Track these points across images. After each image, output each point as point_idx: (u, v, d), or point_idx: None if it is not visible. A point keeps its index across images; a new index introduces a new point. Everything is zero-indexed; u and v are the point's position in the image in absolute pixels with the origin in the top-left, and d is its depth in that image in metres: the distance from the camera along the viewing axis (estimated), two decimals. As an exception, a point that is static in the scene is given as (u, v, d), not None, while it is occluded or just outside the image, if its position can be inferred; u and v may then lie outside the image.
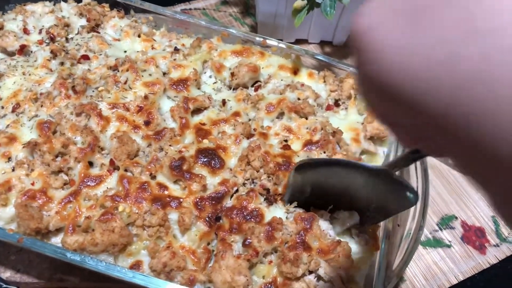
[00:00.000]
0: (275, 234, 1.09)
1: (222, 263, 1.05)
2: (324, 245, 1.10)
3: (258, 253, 1.06)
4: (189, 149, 1.22)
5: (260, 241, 1.07)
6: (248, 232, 1.09)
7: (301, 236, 1.10)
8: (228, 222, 1.12)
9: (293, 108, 1.30)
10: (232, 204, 1.16)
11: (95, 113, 1.23)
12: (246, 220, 1.11)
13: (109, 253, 1.08)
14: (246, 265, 1.05)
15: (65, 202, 1.12)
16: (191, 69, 1.37)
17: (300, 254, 1.07)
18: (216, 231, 1.12)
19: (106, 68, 1.35)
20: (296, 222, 1.12)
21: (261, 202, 1.17)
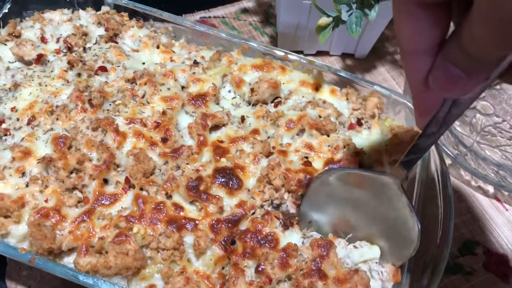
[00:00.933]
0: (289, 261, 1.05)
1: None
2: (340, 274, 1.05)
3: (271, 281, 1.03)
4: (207, 168, 1.18)
5: (273, 268, 1.03)
6: (262, 258, 1.05)
7: (317, 264, 1.05)
8: (242, 245, 1.08)
9: (314, 124, 1.25)
10: (247, 227, 1.12)
11: (112, 129, 1.20)
12: (260, 245, 1.08)
13: (122, 276, 1.05)
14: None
15: (78, 221, 1.10)
16: (210, 84, 1.34)
17: (316, 282, 1.03)
18: (229, 255, 1.08)
19: (124, 81, 1.32)
20: (312, 248, 1.08)
21: (276, 226, 1.13)
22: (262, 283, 1.02)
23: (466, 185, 1.56)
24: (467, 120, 1.69)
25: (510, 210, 1.52)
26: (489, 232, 1.47)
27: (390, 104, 1.42)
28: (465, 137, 1.63)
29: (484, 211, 1.51)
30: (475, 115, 1.71)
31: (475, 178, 1.56)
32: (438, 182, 1.28)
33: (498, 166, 1.53)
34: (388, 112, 1.43)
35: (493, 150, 1.61)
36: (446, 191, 1.25)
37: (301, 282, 1.02)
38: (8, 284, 1.23)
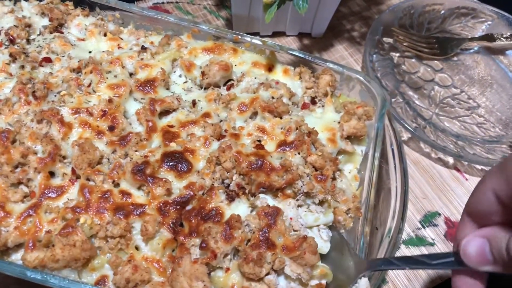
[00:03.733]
0: (233, 233, 1.02)
1: (179, 270, 0.99)
2: (289, 242, 1.03)
3: (216, 255, 1.00)
4: (155, 153, 1.16)
5: (217, 242, 1.00)
6: (205, 233, 1.02)
7: (265, 233, 1.03)
8: (188, 225, 1.05)
9: (267, 107, 1.24)
10: (192, 206, 1.09)
11: (56, 120, 1.16)
12: (205, 221, 1.05)
13: (71, 269, 1.02)
14: (203, 270, 0.99)
15: (24, 216, 1.06)
16: (158, 69, 1.31)
17: (264, 253, 1.01)
18: (175, 237, 1.06)
19: (68, 71, 1.28)
20: (259, 217, 1.06)
21: (222, 200, 1.10)
22: (207, 259, 1.00)
23: (426, 157, 1.57)
24: (425, 93, 1.69)
25: (470, 179, 1.53)
26: (449, 202, 1.48)
27: (344, 80, 1.40)
28: (424, 110, 1.63)
29: (445, 182, 1.52)
30: (433, 87, 1.71)
31: (434, 150, 1.56)
32: (393, 155, 1.28)
33: (457, 137, 1.54)
34: (343, 88, 1.42)
35: (451, 121, 1.62)
36: (402, 164, 1.25)
37: (249, 254, 1.00)
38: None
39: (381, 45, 1.75)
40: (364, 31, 1.85)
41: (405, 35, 1.77)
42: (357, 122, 1.27)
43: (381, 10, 1.91)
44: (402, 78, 1.70)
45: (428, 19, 1.85)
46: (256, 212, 1.07)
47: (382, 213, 1.23)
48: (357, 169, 1.29)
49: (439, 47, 1.77)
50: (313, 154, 1.18)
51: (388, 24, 1.78)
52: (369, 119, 1.31)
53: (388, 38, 1.78)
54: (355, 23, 1.87)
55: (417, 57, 1.77)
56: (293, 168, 1.14)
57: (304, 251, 1.01)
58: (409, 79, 1.71)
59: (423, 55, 1.77)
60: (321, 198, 1.14)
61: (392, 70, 1.70)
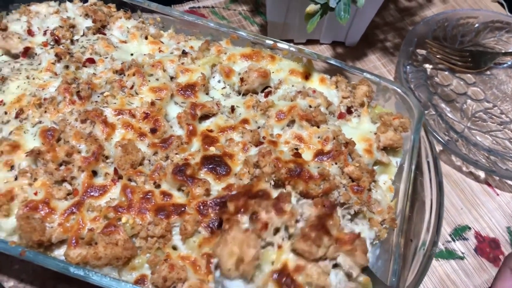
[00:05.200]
0: (284, 207, 1.02)
1: (228, 237, 0.98)
2: (342, 235, 1.02)
3: (267, 226, 0.99)
4: (195, 156, 1.18)
5: (268, 212, 1.00)
6: (255, 206, 1.01)
7: (322, 220, 1.02)
8: (234, 205, 1.04)
9: (305, 116, 1.25)
10: (237, 191, 1.10)
11: (100, 120, 1.19)
12: (252, 199, 1.04)
13: (113, 267, 1.05)
14: (255, 238, 0.98)
15: (68, 213, 1.09)
16: (199, 74, 1.33)
17: (322, 236, 0.99)
18: (220, 216, 1.06)
19: (112, 72, 1.31)
20: (316, 206, 1.05)
21: (267, 186, 1.11)
22: (258, 230, 0.99)
23: (458, 170, 1.57)
24: (458, 106, 1.69)
25: (501, 195, 1.53)
26: (480, 217, 1.48)
27: (380, 91, 1.41)
28: (456, 123, 1.63)
29: (476, 196, 1.52)
30: (466, 101, 1.71)
31: (466, 163, 1.56)
32: (428, 168, 1.28)
33: (489, 152, 1.54)
34: (379, 99, 1.43)
35: (483, 135, 1.62)
36: (437, 177, 1.25)
37: (307, 232, 0.99)
38: (0, 278, 1.23)
39: (415, 57, 1.76)
40: (397, 41, 1.86)
41: (438, 47, 1.78)
42: (393, 134, 1.28)
43: (414, 21, 1.92)
44: (435, 90, 1.71)
45: (462, 32, 1.85)
46: (313, 202, 1.06)
47: (416, 224, 1.24)
48: (391, 180, 1.30)
49: (472, 61, 1.77)
50: (350, 165, 1.19)
51: (422, 36, 1.79)
52: (405, 131, 1.32)
53: (421, 50, 1.78)
54: (388, 33, 1.88)
55: (450, 69, 1.78)
56: (330, 177, 1.15)
57: (356, 248, 1.01)
58: (441, 92, 1.71)
59: (456, 68, 1.77)
60: (357, 209, 1.15)
61: (425, 82, 1.70)
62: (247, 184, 1.11)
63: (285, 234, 1.03)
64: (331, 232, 1.01)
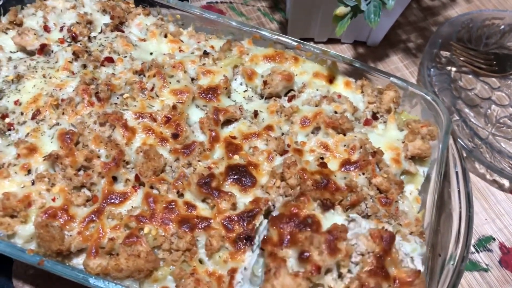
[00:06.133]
0: (338, 245, 0.90)
1: (276, 283, 0.87)
2: (402, 274, 0.93)
3: (319, 269, 0.88)
4: (219, 165, 1.14)
5: (321, 254, 0.88)
6: (306, 243, 0.89)
7: (380, 260, 0.91)
8: (277, 233, 0.93)
9: (331, 123, 1.21)
10: (279, 212, 0.98)
11: (120, 124, 1.15)
12: (300, 230, 0.93)
13: (134, 279, 1.02)
14: (306, 285, 0.88)
15: (87, 221, 1.06)
16: (221, 76, 1.29)
17: (381, 282, 0.89)
18: (262, 246, 0.95)
19: (131, 73, 1.27)
20: (374, 240, 0.94)
21: (314, 208, 1.01)
22: (309, 273, 0.88)
23: (481, 178, 1.53)
24: (482, 111, 1.64)
25: (526, 204, 1.49)
26: (504, 227, 1.44)
27: (406, 96, 1.37)
28: (480, 129, 1.58)
29: (500, 206, 1.48)
30: (490, 106, 1.66)
31: (490, 171, 1.52)
32: (457, 178, 1.24)
33: (514, 160, 1.49)
34: (404, 105, 1.38)
35: (508, 142, 1.57)
36: (466, 188, 1.21)
37: (365, 281, 0.89)
38: (15, 283, 1.20)
39: (439, 59, 1.70)
40: (420, 42, 1.81)
41: (462, 49, 1.73)
42: (422, 143, 1.23)
43: (438, 21, 1.86)
44: (458, 94, 1.66)
45: (487, 33, 1.79)
46: (370, 234, 0.96)
47: (443, 236, 1.20)
48: (418, 190, 1.26)
49: (497, 64, 1.72)
50: (378, 176, 1.16)
51: (446, 37, 1.73)
52: (433, 139, 1.28)
53: (445, 52, 1.73)
54: (411, 33, 1.82)
55: (474, 73, 1.72)
56: (358, 189, 1.11)
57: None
58: (465, 96, 1.67)
59: (481, 72, 1.72)
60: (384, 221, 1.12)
61: (449, 86, 1.65)
62: (290, 202, 1.01)
63: (336, 273, 0.93)
64: (390, 271, 0.92)
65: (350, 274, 0.92)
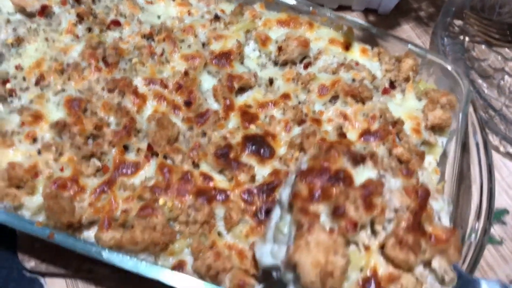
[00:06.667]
0: (374, 200, 0.84)
1: (310, 239, 0.79)
2: (438, 231, 0.86)
3: (356, 226, 0.81)
4: (235, 135, 1.09)
5: (357, 209, 0.82)
6: (340, 197, 0.82)
7: (417, 216, 0.85)
8: (307, 187, 0.85)
9: (350, 91, 1.16)
10: (308, 165, 0.89)
11: (131, 91, 1.09)
12: (332, 184, 0.85)
13: (149, 253, 0.97)
14: (343, 243, 0.81)
15: (99, 192, 1.01)
16: (234, 41, 1.22)
17: (419, 238, 0.83)
18: (291, 201, 0.86)
19: (140, 37, 1.20)
20: (409, 196, 0.88)
21: (344, 162, 0.91)
22: (344, 230, 0.81)
23: (495, 151, 1.49)
24: (494, 82, 1.60)
25: (539, 177, 1.47)
26: (518, 200, 1.42)
27: (424, 65, 1.32)
28: (494, 101, 1.55)
29: (513, 178, 1.46)
30: (503, 76, 1.62)
31: (503, 143, 1.49)
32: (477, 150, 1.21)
33: (528, 132, 1.47)
34: (422, 73, 1.34)
35: (521, 114, 1.54)
36: (487, 160, 1.18)
37: (403, 236, 0.83)
38: (21, 258, 1.15)
39: (452, 28, 1.65)
40: (431, 11, 1.75)
41: (476, 18, 1.67)
42: (442, 112, 1.19)
43: (449, -11, 1.80)
44: (471, 64, 1.61)
45: (500, 2, 1.74)
46: (404, 189, 0.89)
47: (462, 209, 1.17)
48: (436, 161, 1.23)
49: (510, 34, 1.68)
50: (399, 146, 1.12)
51: (460, 6, 1.68)
52: (452, 109, 1.24)
53: (458, 20, 1.68)
54: (422, 2, 1.76)
55: (487, 43, 1.68)
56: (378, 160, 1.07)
57: (451, 246, 0.87)
58: (478, 67, 1.62)
59: (494, 42, 1.67)
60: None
61: (463, 56, 1.61)
62: (318, 156, 0.90)
63: (370, 230, 0.86)
64: (426, 229, 0.87)
65: (384, 231, 0.86)
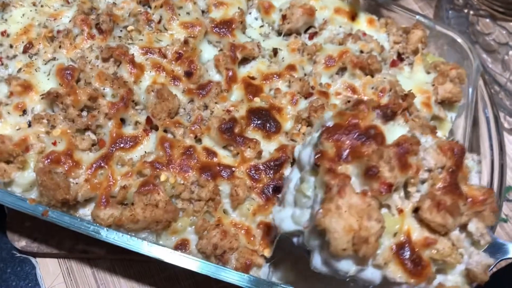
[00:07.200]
0: (409, 160, 0.75)
1: (341, 203, 0.70)
2: (475, 192, 0.79)
3: (391, 187, 0.73)
4: (239, 108, 1.03)
5: (392, 170, 0.73)
6: (374, 157, 0.73)
7: (453, 176, 0.77)
8: (334, 146, 0.76)
9: (359, 63, 1.10)
10: (334, 122, 0.80)
11: (127, 60, 1.02)
12: (363, 142, 0.76)
13: (151, 231, 0.92)
14: (377, 206, 0.72)
15: (95, 167, 0.94)
16: (235, 9, 1.15)
17: (456, 200, 0.75)
18: (317, 161, 0.76)
19: (135, 3, 1.12)
20: (444, 153, 0.79)
21: (373, 118, 0.82)
22: (378, 192, 0.72)
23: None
24: (499, 57, 1.56)
25: (543, 154, 1.44)
26: (524, 177, 1.39)
27: (432, 37, 1.27)
28: (498, 76, 1.51)
29: (517, 155, 1.43)
30: (507, 51, 1.58)
31: (508, 119, 1.46)
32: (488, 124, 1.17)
33: (533, 108, 1.43)
34: (430, 46, 1.29)
35: (526, 90, 1.51)
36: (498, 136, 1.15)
37: (441, 198, 0.75)
38: (10, 237, 1.08)
39: (456, 0, 1.60)
40: (435, -18, 1.69)
41: (480, -10, 1.63)
42: (453, 86, 1.15)
43: (453, -40, 1.74)
44: (476, 39, 1.57)
45: (505, -25, 1.69)
46: (439, 146, 0.81)
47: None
48: (445, 136, 1.18)
49: (515, 7, 1.63)
50: (409, 120, 1.06)
51: (464, -23, 1.62)
52: (462, 83, 1.19)
53: (462, -8, 1.63)
54: (425, -28, 1.70)
55: (491, 16, 1.63)
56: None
57: (488, 208, 0.79)
58: (483, 41, 1.58)
59: (498, 15, 1.63)
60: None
61: (467, 29, 1.56)
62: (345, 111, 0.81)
63: (403, 192, 0.78)
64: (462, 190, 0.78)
65: (418, 193, 0.79)
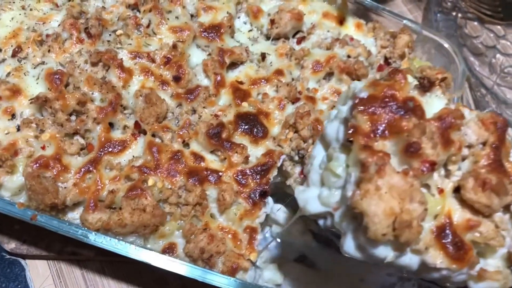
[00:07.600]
0: (451, 135, 0.70)
1: (381, 183, 0.64)
2: None
3: (434, 166, 0.68)
4: (227, 112, 1.04)
5: (435, 146, 0.68)
6: (415, 132, 0.67)
7: (497, 152, 0.72)
8: (369, 120, 0.70)
9: (345, 68, 1.12)
10: (369, 93, 0.73)
11: (116, 64, 1.02)
12: (402, 116, 0.70)
13: (138, 235, 0.93)
14: (419, 186, 0.67)
15: (83, 171, 0.95)
16: (224, 13, 1.16)
17: (502, 178, 0.70)
18: (350, 137, 0.70)
19: (124, 7, 1.13)
20: (486, 128, 0.74)
21: (410, 89, 0.77)
22: (420, 171, 0.67)
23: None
24: (486, 60, 1.58)
25: (528, 156, 1.46)
26: None
27: (419, 41, 1.29)
28: (485, 79, 1.53)
29: (503, 158, 1.45)
30: (495, 54, 1.60)
31: (494, 122, 1.48)
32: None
33: (519, 111, 1.45)
34: (416, 50, 1.30)
35: (512, 92, 1.53)
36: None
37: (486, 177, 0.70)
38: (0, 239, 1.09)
39: (445, 3, 1.62)
40: (424, -15, 1.70)
41: (468, -6, 1.64)
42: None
43: (442, -37, 1.76)
44: (464, 42, 1.59)
45: (492, -22, 1.71)
46: (480, 120, 0.75)
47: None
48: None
49: (503, 11, 1.65)
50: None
51: (453, -19, 1.64)
52: (448, 87, 1.20)
53: (451, -5, 1.64)
54: (414, -25, 1.72)
55: (479, 19, 1.65)
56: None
57: None
58: (470, 44, 1.59)
59: (486, 18, 1.64)
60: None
61: (455, 32, 1.58)
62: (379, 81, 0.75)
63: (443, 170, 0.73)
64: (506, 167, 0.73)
65: (459, 171, 0.74)
